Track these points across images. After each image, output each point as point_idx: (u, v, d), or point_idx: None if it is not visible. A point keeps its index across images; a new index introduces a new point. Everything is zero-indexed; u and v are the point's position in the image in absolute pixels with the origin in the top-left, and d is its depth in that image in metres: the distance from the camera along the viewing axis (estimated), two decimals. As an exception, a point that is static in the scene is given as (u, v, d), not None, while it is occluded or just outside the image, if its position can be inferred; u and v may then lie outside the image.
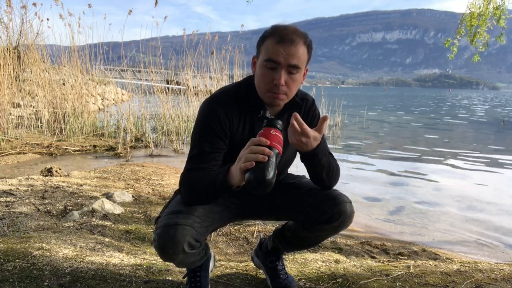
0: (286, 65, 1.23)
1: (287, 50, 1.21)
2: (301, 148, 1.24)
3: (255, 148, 1.08)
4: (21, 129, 6.17)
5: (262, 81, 1.27)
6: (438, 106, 27.31)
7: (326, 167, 1.33)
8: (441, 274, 1.81)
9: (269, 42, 1.24)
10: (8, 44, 6.71)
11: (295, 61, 1.23)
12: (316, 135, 1.22)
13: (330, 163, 1.35)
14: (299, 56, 1.23)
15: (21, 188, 3.24)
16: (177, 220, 1.20)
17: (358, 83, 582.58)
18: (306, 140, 1.20)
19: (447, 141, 9.03)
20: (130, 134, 6.53)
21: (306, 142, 1.21)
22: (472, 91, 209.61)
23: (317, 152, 1.26)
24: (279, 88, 1.24)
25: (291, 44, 1.22)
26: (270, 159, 1.07)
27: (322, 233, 1.44)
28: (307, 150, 1.24)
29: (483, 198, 4.16)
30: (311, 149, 1.24)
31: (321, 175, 1.34)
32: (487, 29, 4.53)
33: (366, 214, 3.47)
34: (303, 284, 1.70)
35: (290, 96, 1.32)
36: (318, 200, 1.37)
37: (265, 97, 1.30)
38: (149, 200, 3.19)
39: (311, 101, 1.45)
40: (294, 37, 1.22)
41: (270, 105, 1.33)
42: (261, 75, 1.27)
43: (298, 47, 1.23)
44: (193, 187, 1.25)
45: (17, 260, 1.69)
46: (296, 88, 1.32)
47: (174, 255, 1.21)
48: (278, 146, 1.11)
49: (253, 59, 1.34)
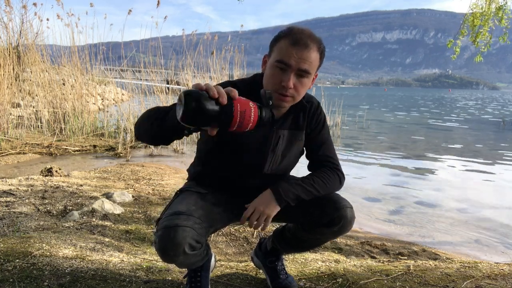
0: (297, 68, 1.22)
1: (299, 53, 1.21)
2: (271, 212, 1.31)
3: (210, 85, 0.96)
4: (21, 129, 6.17)
5: (270, 81, 1.27)
6: (438, 106, 27.31)
7: (313, 192, 1.34)
8: (441, 274, 1.81)
9: (283, 43, 1.24)
10: (8, 44, 6.71)
11: (306, 66, 1.23)
12: (256, 210, 1.30)
13: (313, 187, 1.34)
14: (311, 61, 1.23)
15: (21, 188, 3.24)
16: (177, 221, 1.20)
17: (358, 83, 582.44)
18: (260, 213, 1.29)
19: (447, 141, 9.03)
20: (130, 134, 6.52)
21: (263, 212, 1.29)
22: (472, 91, 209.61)
23: (287, 200, 1.31)
24: (287, 90, 1.24)
25: (304, 48, 1.21)
26: (209, 93, 0.93)
27: (321, 236, 1.43)
28: (281, 207, 1.31)
29: (483, 198, 4.16)
30: (279, 207, 1.31)
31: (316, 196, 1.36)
32: (489, 29, 4.54)
33: (366, 214, 3.47)
34: (303, 284, 1.70)
35: (296, 100, 1.31)
36: (319, 204, 1.36)
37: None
38: (149, 200, 3.19)
39: (316, 105, 1.44)
40: (308, 42, 1.22)
41: (276, 106, 1.33)
42: (270, 75, 1.27)
43: (311, 52, 1.23)
44: (149, 112, 1.17)
45: (17, 260, 1.69)
46: (303, 92, 1.32)
47: (175, 257, 1.21)
48: (242, 108, 0.96)
49: (264, 57, 1.33)
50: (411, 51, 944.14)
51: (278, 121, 1.37)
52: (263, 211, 1.29)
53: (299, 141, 1.42)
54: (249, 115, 0.97)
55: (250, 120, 0.97)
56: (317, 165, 1.44)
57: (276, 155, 1.39)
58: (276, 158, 1.39)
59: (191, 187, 1.42)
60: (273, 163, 1.40)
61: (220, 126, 0.96)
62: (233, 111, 0.94)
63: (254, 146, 1.35)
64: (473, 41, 4.67)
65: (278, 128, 1.37)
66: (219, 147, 1.38)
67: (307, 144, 1.45)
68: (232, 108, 0.94)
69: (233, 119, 0.95)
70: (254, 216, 1.30)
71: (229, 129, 0.97)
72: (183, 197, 1.35)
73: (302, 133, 1.42)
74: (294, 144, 1.41)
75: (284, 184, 1.32)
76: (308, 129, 1.43)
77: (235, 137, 1.32)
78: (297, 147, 1.43)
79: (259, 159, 1.38)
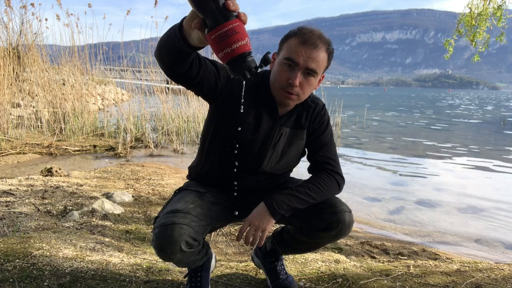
0: (305, 67, 1.24)
1: (308, 52, 1.23)
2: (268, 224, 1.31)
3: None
4: (21, 129, 6.17)
5: (277, 78, 1.28)
6: (438, 106, 27.31)
7: (309, 201, 1.34)
8: (441, 274, 1.81)
9: (292, 41, 1.25)
10: (8, 44, 6.71)
11: (313, 65, 1.24)
12: (251, 224, 1.30)
13: (308, 195, 1.34)
14: (318, 61, 1.25)
15: (21, 188, 3.24)
16: (174, 219, 1.20)
17: (358, 83, 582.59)
18: (255, 228, 1.29)
19: (447, 141, 9.03)
20: (130, 134, 6.52)
21: (258, 226, 1.29)
22: (472, 91, 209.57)
23: (281, 213, 1.31)
24: (292, 88, 1.25)
25: (313, 48, 1.23)
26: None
27: (320, 239, 1.44)
28: (276, 219, 1.32)
29: (483, 198, 4.16)
30: (274, 220, 1.31)
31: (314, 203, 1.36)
32: (486, 29, 4.53)
33: (366, 214, 3.47)
34: (303, 284, 1.70)
35: (302, 99, 1.32)
36: (317, 207, 1.37)
37: (277, 94, 1.31)
38: (149, 200, 3.19)
39: (321, 106, 1.44)
40: (317, 42, 1.24)
41: (280, 103, 1.33)
42: (278, 72, 1.28)
43: (320, 52, 1.24)
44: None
45: (17, 260, 1.69)
46: (309, 92, 1.33)
47: (172, 255, 1.21)
48: (238, 29, 0.84)
49: (273, 55, 1.35)
50: (411, 51, 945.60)
51: (282, 118, 1.37)
52: (258, 225, 1.29)
53: (300, 140, 1.42)
54: (236, 40, 0.84)
55: (233, 45, 0.84)
56: (316, 167, 1.43)
57: (276, 151, 1.39)
58: (276, 155, 1.39)
59: (190, 186, 1.43)
60: (273, 160, 1.40)
61: (208, 22, 0.85)
62: (228, 21, 0.83)
63: (256, 140, 1.35)
64: (470, 41, 4.66)
65: (281, 125, 1.37)
66: (221, 138, 1.37)
67: (309, 144, 1.45)
68: (230, 18, 0.84)
69: (221, 24, 0.83)
70: (249, 232, 1.30)
71: (211, 32, 0.85)
72: (181, 195, 1.36)
73: (303, 132, 1.42)
74: (295, 142, 1.41)
75: (278, 196, 1.32)
76: (311, 129, 1.43)
77: (238, 132, 1.32)
78: (298, 146, 1.43)
79: (259, 155, 1.38)
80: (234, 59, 0.85)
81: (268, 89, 1.33)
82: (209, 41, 0.86)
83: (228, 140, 1.35)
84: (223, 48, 0.84)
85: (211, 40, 0.85)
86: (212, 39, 0.85)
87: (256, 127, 1.34)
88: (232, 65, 0.86)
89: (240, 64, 0.86)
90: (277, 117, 1.36)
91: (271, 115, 1.35)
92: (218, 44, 0.84)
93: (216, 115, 1.36)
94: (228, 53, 0.84)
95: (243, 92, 1.28)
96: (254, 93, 1.34)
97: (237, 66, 0.86)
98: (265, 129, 1.35)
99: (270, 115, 1.35)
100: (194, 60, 1.12)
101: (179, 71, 1.12)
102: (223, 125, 1.35)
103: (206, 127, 1.42)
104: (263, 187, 1.45)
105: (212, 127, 1.38)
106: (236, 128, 1.32)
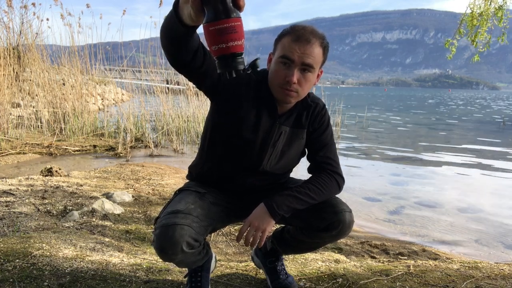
0: (300, 63, 1.24)
1: (302, 48, 1.23)
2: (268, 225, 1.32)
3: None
4: (21, 129, 6.17)
5: (275, 77, 1.29)
6: (438, 106, 27.31)
7: (309, 201, 1.34)
8: (441, 274, 1.81)
9: (286, 39, 1.26)
10: (8, 44, 6.71)
11: (309, 60, 1.24)
12: (251, 225, 1.30)
13: (308, 196, 1.34)
14: (314, 56, 1.25)
15: (21, 188, 3.24)
16: (175, 220, 1.20)
17: (358, 83, 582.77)
18: (255, 228, 1.29)
19: (447, 141, 9.03)
20: (130, 134, 6.53)
21: (258, 227, 1.29)
22: (472, 91, 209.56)
23: (281, 213, 1.31)
24: (291, 85, 1.26)
25: (307, 43, 1.24)
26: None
27: (320, 240, 1.44)
28: (276, 220, 1.32)
29: (483, 198, 4.16)
30: (274, 221, 1.31)
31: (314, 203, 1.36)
32: (487, 29, 4.53)
33: (366, 214, 3.47)
34: (303, 284, 1.70)
35: (301, 95, 1.32)
36: (318, 207, 1.36)
37: (276, 92, 1.31)
38: (149, 200, 3.19)
39: (321, 106, 1.44)
40: (310, 37, 1.24)
41: (281, 101, 1.33)
42: (275, 71, 1.29)
43: (314, 47, 1.25)
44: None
45: (17, 260, 1.69)
46: (308, 88, 1.33)
47: (173, 255, 1.21)
48: (238, 28, 0.85)
49: (269, 55, 1.35)
50: (411, 51, 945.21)
51: (282, 117, 1.37)
52: (258, 226, 1.30)
53: (300, 139, 1.42)
54: (234, 38, 0.84)
55: (229, 42, 0.84)
56: (316, 167, 1.43)
57: (276, 150, 1.39)
58: (275, 153, 1.39)
59: (190, 187, 1.43)
60: (272, 159, 1.39)
61: (211, 12, 0.84)
62: (230, 18, 0.83)
63: (256, 139, 1.35)
64: (471, 41, 4.66)
65: (281, 124, 1.37)
66: (221, 137, 1.37)
67: (309, 144, 1.45)
68: (231, 16, 0.83)
69: (221, 20, 0.83)
70: (249, 232, 1.30)
71: (211, 23, 0.84)
72: (181, 196, 1.35)
73: (303, 131, 1.42)
74: (294, 141, 1.41)
75: (278, 197, 1.32)
76: (311, 128, 1.42)
77: (239, 131, 1.32)
78: (298, 145, 1.43)
79: (259, 153, 1.37)
80: (226, 56, 0.86)
81: (268, 88, 1.34)
82: (206, 31, 0.87)
83: (228, 139, 1.35)
84: (219, 42, 0.84)
85: (209, 30, 0.85)
86: (211, 30, 0.85)
87: (256, 126, 1.34)
88: (222, 60, 0.87)
89: (230, 62, 0.87)
90: (277, 116, 1.36)
91: (271, 114, 1.35)
92: (215, 36, 0.84)
93: (217, 114, 1.36)
94: (223, 49, 0.85)
95: (244, 92, 1.28)
96: (254, 92, 1.34)
97: (226, 63, 0.87)
98: (265, 128, 1.35)
99: (270, 114, 1.35)
100: (198, 50, 1.12)
101: (183, 59, 1.12)
102: (223, 124, 1.35)
103: (206, 126, 1.42)
104: (263, 187, 1.45)
105: (212, 126, 1.38)
106: (236, 127, 1.32)
